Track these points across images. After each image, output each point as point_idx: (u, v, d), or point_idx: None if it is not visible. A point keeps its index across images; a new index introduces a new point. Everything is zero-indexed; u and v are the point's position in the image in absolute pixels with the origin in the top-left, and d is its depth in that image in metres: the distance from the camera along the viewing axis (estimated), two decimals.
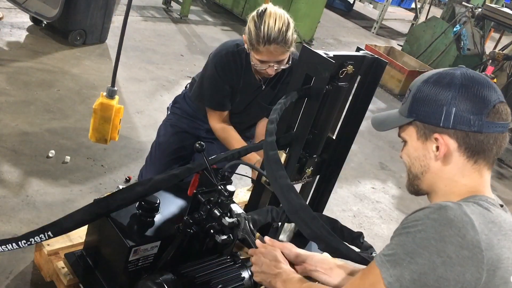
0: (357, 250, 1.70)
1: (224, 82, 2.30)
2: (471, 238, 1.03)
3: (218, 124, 2.40)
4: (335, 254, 1.51)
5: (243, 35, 2.17)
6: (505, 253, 1.06)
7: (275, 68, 2.15)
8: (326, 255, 1.62)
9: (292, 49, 2.15)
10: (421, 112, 1.19)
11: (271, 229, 2.04)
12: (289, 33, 2.09)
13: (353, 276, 1.47)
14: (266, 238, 1.57)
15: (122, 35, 2.21)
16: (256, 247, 1.54)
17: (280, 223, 1.96)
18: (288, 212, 1.50)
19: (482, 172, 1.19)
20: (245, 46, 2.19)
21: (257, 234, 1.61)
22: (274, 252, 1.49)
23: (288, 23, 2.10)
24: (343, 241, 1.50)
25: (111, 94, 2.28)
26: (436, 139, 1.17)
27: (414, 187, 1.28)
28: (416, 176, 1.25)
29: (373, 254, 1.61)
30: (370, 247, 1.83)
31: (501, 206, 1.20)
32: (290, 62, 2.24)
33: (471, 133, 1.14)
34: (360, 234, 1.86)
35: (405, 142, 1.27)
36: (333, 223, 1.86)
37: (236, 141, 2.35)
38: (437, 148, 1.18)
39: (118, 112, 2.32)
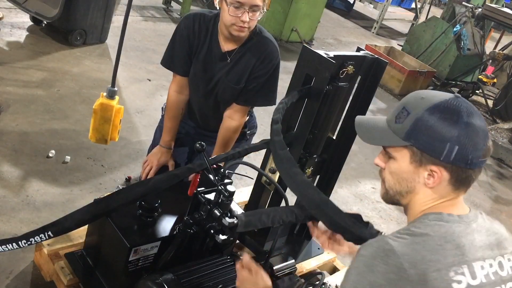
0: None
1: (182, 40, 2.32)
2: (393, 262, 1.12)
3: (173, 91, 2.47)
4: (361, 243, 1.53)
5: None
6: (433, 266, 1.13)
7: (249, 15, 2.11)
8: None
9: (264, 2, 2.16)
10: (422, 141, 1.21)
11: (272, 229, 2.05)
12: None
13: None
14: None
15: (122, 36, 2.20)
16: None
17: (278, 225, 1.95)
18: (309, 208, 1.53)
19: (459, 195, 1.26)
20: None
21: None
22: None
23: None
24: (366, 229, 1.54)
25: (111, 95, 2.27)
26: (432, 170, 1.21)
27: (394, 201, 1.33)
28: (400, 194, 1.29)
29: None
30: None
31: (459, 216, 1.24)
32: (255, 35, 2.28)
33: (465, 169, 1.20)
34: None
35: (392, 158, 1.28)
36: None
37: (168, 117, 2.47)
38: (429, 176, 1.22)
39: (118, 112, 2.31)
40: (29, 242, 1.75)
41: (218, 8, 2.21)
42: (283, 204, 1.99)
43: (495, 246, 1.24)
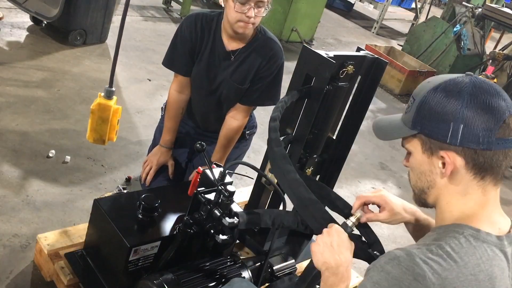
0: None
1: (184, 40, 2.33)
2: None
3: (174, 90, 2.48)
4: None
5: None
6: None
7: (255, 11, 2.13)
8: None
9: None
10: (427, 126, 1.12)
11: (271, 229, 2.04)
12: None
13: None
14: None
15: (120, 37, 2.22)
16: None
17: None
18: (297, 207, 1.49)
19: (487, 190, 1.12)
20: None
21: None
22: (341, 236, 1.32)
23: None
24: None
25: (108, 95, 2.27)
26: (442, 156, 1.10)
27: (422, 201, 1.22)
28: (423, 191, 1.19)
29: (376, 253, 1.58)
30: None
31: (498, 237, 1.11)
32: (260, 35, 2.30)
33: (479, 150, 1.07)
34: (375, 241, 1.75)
35: (409, 152, 1.20)
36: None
37: (168, 117, 2.49)
38: (443, 164, 1.11)
39: (116, 112, 2.31)
40: None
41: (222, 6, 2.22)
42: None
43: None
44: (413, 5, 10.64)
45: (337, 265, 1.26)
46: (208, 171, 1.76)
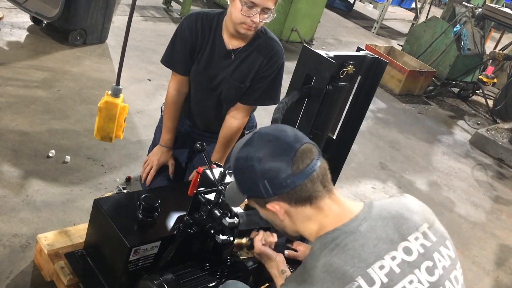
0: None
1: (184, 39, 2.33)
2: None
3: (173, 89, 2.48)
4: None
5: None
6: None
7: (259, 17, 2.13)
8: None
9: (275, 6, 2.18)
10: (247, 191, 1.29)
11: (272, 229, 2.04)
12: None
13: None
14: None
15: (127, 34, 2.23)
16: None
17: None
18: None
19: (321, 205, 1.26)
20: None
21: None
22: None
23: None
24: None
25: (116, 93, 2.29)
26: (269, 208, 1.27)
27: (289, 237, 1.40)
28: (283, 231, 1.35)
29: None
30: None
31: (348, 222, 1.23)
32: (261, 34, 2.30)
33: (290, 191, 1.22)
34: None
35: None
36: None
37: (167, 116, 2.50)
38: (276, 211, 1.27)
39: (123, 110, 2.34)
40: None
41: (224, 4, 2.23)
42: None
43: (395, 234, 1.22)
44: (413, 5, 10.64)
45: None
46: (208, 171, 1.76)
